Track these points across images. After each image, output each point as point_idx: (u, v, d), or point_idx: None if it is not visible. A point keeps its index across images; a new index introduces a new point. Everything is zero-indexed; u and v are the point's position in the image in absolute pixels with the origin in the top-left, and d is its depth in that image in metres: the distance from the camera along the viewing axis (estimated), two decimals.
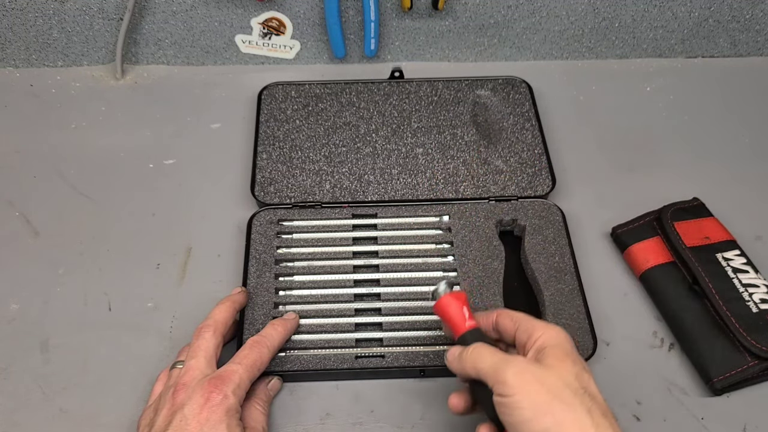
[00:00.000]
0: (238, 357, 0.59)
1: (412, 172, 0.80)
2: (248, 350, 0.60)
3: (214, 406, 0.54)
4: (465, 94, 0.87)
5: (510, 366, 0.50)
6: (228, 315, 0.63)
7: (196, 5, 0.87)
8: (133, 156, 0.83)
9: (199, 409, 0.53)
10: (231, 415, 0.54)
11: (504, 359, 0.51)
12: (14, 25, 0.87)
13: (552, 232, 0.74)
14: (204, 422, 0.53)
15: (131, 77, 0.92)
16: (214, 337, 0.60)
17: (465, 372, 0.54)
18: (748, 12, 0.91)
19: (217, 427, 0.53)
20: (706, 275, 0.69)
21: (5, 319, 0.69)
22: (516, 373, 0.49)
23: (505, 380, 0.49)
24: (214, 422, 0.53)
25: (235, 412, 0.55)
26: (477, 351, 0.53)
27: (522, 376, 0.49)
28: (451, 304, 0.57)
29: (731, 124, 0.89)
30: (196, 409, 0.53)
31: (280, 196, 0.77)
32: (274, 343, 0.63)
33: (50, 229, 0.76)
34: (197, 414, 0.53)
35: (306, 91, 0.87)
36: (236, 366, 0.57)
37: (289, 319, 0.66)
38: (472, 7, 0.88)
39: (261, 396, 0.62)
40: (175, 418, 0.54)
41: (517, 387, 0.48)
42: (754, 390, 0.66)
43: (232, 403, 0.55)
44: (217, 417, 0.53)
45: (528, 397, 0.48)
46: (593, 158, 0.85)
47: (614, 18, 0.91)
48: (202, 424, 0.53)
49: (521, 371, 0.49)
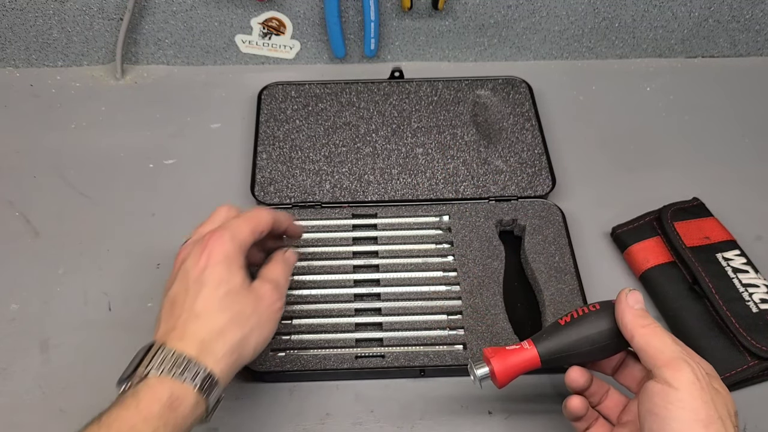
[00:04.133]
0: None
1: (412, 172, 0.80)
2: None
3: (212, 250, 0.54)
4: (465, 94, 0.87)
5: (690, 363, 0.48)
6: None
7: (196, 5, 0.87)
8: (133, 156, 0.83)
9: (198, 257, 0.54)
10: (231, 259, 0.54)
11: (687, 352, 0.49)
12: (14, 25, 0.87)
13: (552, 232, 0.74)
14: (203, 267, 0.53)
15: (131, 77, 0.92)
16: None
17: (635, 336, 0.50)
18: (748, 12, 0.91)
19: (215, 268, 0.53)
20: (706, 275, 0.69)
21: (5, 319, 0.69)
22: (693, 372, 0.47)
23: (679, 374, 0.47)
24: (212, 264, 0.53)
25: (234, 257, 0.54)
26: (659, 329, 0.50)
27: (698, 380, 0.47)
28: (504, 361, 0.54)
29: (731, 124, 0.89)
30: (195, 259, 0.54)
31: (280, 196, 0.77)
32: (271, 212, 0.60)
33: (50, 229, 0.76)
34: (196, 262, 0.54)
35: (306, 91, 0.87)
36: (233, 219, 0.57)
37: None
38: (472, 7, 0.88)
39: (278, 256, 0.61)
40: (179, 273, 0.54)
41: (688, 386, 0.47)
42: (754, 390, 0.66)
43: (229, 247, 0.54)
44: (215, 260, 0.53)
45: (695, 401, 0.46)
46: (593, 158, 0.85)
47: (614, 18, 0.91)
48: (201, 269, 0.53)
49: (700, 374, 0.48)
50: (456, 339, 0.67)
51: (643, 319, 0.51)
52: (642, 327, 0.50)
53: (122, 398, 0.48)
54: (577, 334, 0.53)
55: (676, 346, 0.49)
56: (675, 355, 0.48)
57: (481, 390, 0.65)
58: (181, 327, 0.52)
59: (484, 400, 0.65)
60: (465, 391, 0.66)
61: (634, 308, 0.52)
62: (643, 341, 0.50)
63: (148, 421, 0.47)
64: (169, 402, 0.48)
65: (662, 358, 0.48)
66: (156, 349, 0.50)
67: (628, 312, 0.51)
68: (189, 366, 0.49)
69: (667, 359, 0.48)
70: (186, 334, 0.51)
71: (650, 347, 0.49)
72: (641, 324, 0.51)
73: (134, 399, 0.48)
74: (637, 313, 0.51)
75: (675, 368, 0.48)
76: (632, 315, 0.51)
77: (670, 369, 0.48)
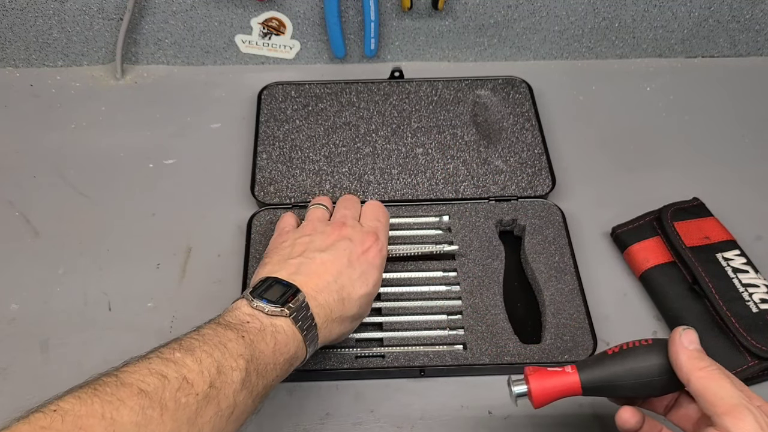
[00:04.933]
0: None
1: (412, 172, 0.80)
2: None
3: (377, 251, 0.63)
4: (465, 94, 0.87)
5: (753, 410, 0.45)
6: None
7: (196, 5, 0.87)
8: (133, 156, 0.83)
9: (366, 247, 0.62)
10: (382, 266, 0.64)
11: (747, 395, 0.47)
12: (14, 25, 0.87)
13: (552, 232, 0.74)
14: (366, 261, 0.61)
15: (131, 77, 0.92)
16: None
17: (684, 375, 0.48)
18: (748, 12, 0.91)
19: (371, 272, 0.61)
20: (706, 275, 0.69)
21: (5, 319, 0.69)
22: (756, 420, 0.45)
23: (742, 423, 0.44)
24: (373, 265, 0.62)
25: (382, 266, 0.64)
26: (716, 372, 0.48)
27: (761, 429, 0.44)
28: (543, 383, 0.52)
29: (731, 124, 0.89)
30: (361, 246, 0.62)
31: (280, 196, 0.77)
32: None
33: (50, 229, 0.76)
34: (363, 251, 0.62)
35: (306, 91, 0.87)
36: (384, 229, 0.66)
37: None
38: (472, 7, 0.88)
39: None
40: (341, 243, 0.61)
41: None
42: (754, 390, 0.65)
43: (384, 255, 0.64)
44: (377, 262, 0.62)
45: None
46: (593, 158, 0.85)
47: (614, 18, 0.91)
48: (366, 262, 0.61)
49: (763, 422, 0.45)
50: (456, 339, 0.67)
51: (699, 360, 0.48)
52: (699, 369, 0.48)
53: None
54: (623, 366, 0.51)
55: (737, 391, 0.47)
56: (736, 402, 0.46)
57: (481, 390, 0.66)
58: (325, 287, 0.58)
59: (484, 400, 0.65)
60: (465, 391, 0.66)
61: (689, 348, 0.49)
62: (701, 385, 0.47)
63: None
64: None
65: (722, 405, 0.46)
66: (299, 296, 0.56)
67: (683, 352, 0.49)
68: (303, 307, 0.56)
69: (727, 406, 0.45)
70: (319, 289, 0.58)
71: (709, 392, 0.47)
72: (698, 366, 0.48)
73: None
74: (692, 354, 0.49)
75: (737, 416, 0.45)
76: (687, 356, 0.49)
77: (730, 417, 0.45)
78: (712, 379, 0.47)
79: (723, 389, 0.47)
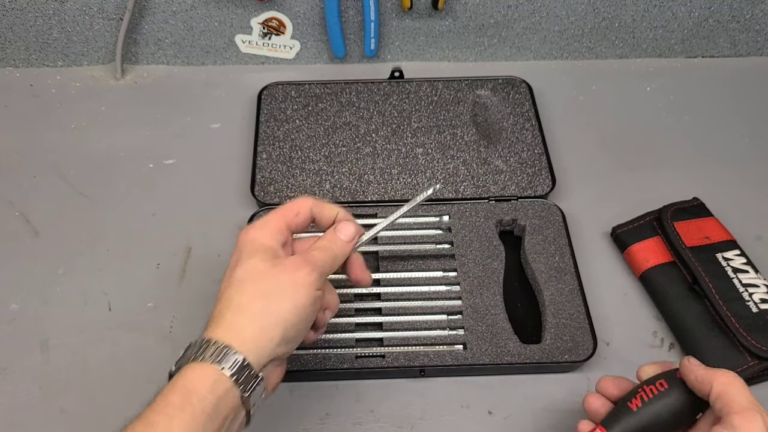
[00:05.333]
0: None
1: (412, 172, 0.80)
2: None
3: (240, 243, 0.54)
4: (465, 94, 0.87)
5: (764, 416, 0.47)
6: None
7: (196, 5, 0.87)
8: (133, 156, 0.83)
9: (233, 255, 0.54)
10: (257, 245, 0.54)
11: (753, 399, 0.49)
12: (14, 25, 0.87)
13: (552, 232, 0.74)
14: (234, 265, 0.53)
15: (131, 77, 0.92)
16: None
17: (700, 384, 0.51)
18: (748, 12, 0.91)
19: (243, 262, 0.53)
20: (706, 275, 0.69)
21: (5, 319, 0.69)
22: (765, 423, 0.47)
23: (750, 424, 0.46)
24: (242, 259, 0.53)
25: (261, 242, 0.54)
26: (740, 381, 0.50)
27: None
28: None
29: (731, 124, 0.89)
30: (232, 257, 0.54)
31: (280, 196, 0.77)
32: (311, 198, 0.58)
33: (50, 229, 0.76)
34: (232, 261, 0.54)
35: (306, 91, 0.87)
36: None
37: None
38: (472, 7, 0.88)
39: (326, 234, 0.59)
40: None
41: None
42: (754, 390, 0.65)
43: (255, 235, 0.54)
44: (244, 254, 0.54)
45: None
46: (593, 158, 0.85)
47: (614, 18, 0.91)
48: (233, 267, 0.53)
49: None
50: (456, 339, 0.67)
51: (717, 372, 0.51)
52: (722, 376, 0.50)
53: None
54: (650, 416, 0.52)
55: (754, 399, 0.49)
56: (750, 406, 0.48)
57: (481, 390, 0.66)
58: (215, 317, 0.51)
59: (484, 400, 0.65)
60: (465, 391, 0.66)
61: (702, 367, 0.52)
62: (722, 389, 0.49)
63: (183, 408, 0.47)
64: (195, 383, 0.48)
65: (736, 406, 0.48)
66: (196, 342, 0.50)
67: (697, 369, 0.51)
68: (209, 346, 0.48)
69: (741, 408, 0.47)
70: (215, 323, 0.51)
71: (728, 395, 0.49)
72: (719, 374, 0.50)
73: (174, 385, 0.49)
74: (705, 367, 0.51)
75: (746, 417, 0.47)
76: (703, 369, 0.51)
77: (740, 417, 0.47)
78: (733, 386, 0.49)
79: (741, 394, 0.49)
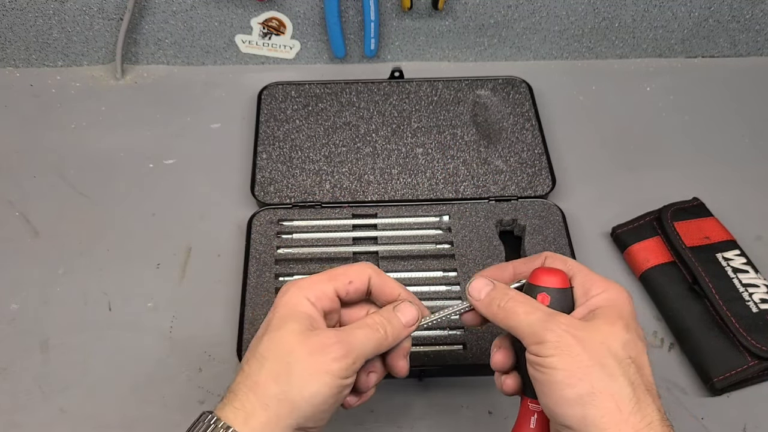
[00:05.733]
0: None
1: (412, 172, 0.80)
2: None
3: (275, 309, 0.49)
4: (465, 94, 0.87)
5: (549, 326, 0.44)
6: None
7: (196, 5, 0.87)
8: (133, 156, 0.83)
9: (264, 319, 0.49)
10: (292, 312, 0.48)
11: (542, 319, 0.45)
12: (14, 25, 0.87)
13: (552, 232, 0.74)
14: (264, 330, 0.48)
15: (131, 77, 0.92)
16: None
17: (496, 322, 0.48)
18: (748, 12, 0.91)
19: (274, 331, 0.48)
20: (706, 275, 0.69)
21: (5, 319, 0.69)
22: (556, 334, 0.44)
23: (543, 340, 0.44)
24: (272, 328, 0.48)
25: (297, 308, 0.49)
26: (511, 306, 0.47)
27: (562, 337, 0.44)
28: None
29: (731, 124, 0.89)
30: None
31: (280, 196, 0.77)
32: (370, 266, 0.53)
33: (50, 229, 0.76)
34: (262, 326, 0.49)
35: (306, 91, 0.87)
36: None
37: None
38: (472, 7, 0.88)
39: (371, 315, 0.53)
40: None
41: (554, 348, 0.43)
42: (754, 390, 0.66)
43: (292, 300, 0.49)
44: (274, 323, 0.48)
45: (565, 360, 0.43)
46: (593, 158, 0.85)
47: (614, 18, 0.91)
48: (263, 330, 0.49)
49: (562, 332, 0.44)
50: (456, 339, 0.67)
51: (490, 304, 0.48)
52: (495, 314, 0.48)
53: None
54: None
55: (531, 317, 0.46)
56: (534, 329, 0.45)
57: (481, 390, 0.66)
58: (231, 390, 0.46)
59: (484, 400, 0.65)
60: (465, 391, 0.66)
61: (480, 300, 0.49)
62: (505, 326, 0.47)
63: None
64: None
65: (527, 337, 0.45)
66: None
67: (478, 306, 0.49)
68: (216, 428, 0.44)
69: (530, 337, 0.45)
70: (229, 398, 0.46)
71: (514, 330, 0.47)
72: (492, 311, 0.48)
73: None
74: (483, 302, 0.49)
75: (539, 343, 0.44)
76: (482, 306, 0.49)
77: (536, 346, 0.45)
78: (509, 317, 0.47)
79: (519, 322, 0.46)
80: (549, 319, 0.45)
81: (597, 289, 0.48)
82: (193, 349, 0.67)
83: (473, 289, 0.50)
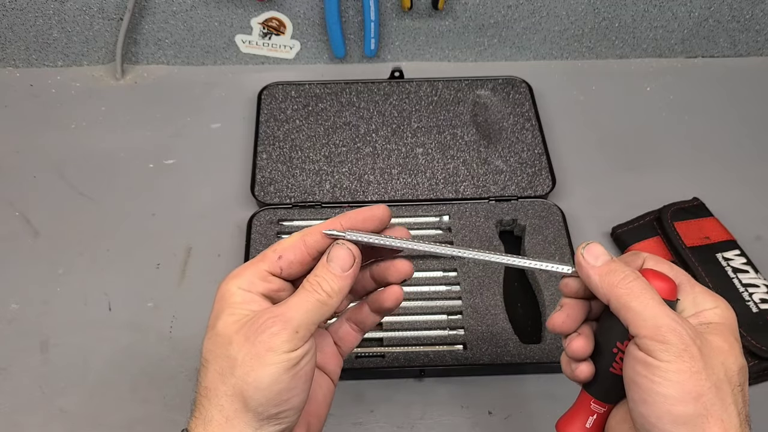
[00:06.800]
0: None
1: (412, 172, 0.80)
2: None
3: (215, 306, 0.47)
4: (465, 94, 0.87)
5: (677, 328, 0.39)
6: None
7: (196, 5, 0.87)
8: (133, 156, 0.83)
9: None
10: (225, 305, 0.46)
11: (670, 315, 0.40)
12: (14, 25, 0.87)
13: (552, 232, 0.74)
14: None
15: (131, 77, 0.92)
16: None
17: (608, 297, 0.42)
18: (748, 12, 0.91)
19: (211, 332, 0.46)
20: (706, 275, 0.69)
21: (5, 319, 0.69)
22: (683, 340, 0.39)
23: (666, 341, 0.39)
24: (210, 327, 0.46)
25: (231, 300, 0.46)
26: (638, 286, 0.41)
27: (689, 346, 0.39)
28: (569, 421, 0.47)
29: (731, 124, 0.89)
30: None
31: (280, 196, 0.77)
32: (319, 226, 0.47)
33: (50, 229, 0.76)
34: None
35: (306, 91, 0.87)
36: None
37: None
38: (472, 7, 0.88)
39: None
40: None
41: (676, 355, 0.39)
42: (754, 390, 0.66)
43: (226, 290, 0.47)
44: (212, 321, 0.47)
45: (684, 374, 0.39)
46: (593, 158, 0.85)
47: (614, 18, 0.91)
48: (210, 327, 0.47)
49: (690, 341, 0.39)
50: (456, 339, 0.67)
51: (613, 275, 0.42)
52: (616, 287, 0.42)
53: None
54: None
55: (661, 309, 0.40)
56: (660, 323, 0.40)
57: (481, 390, 0.66)
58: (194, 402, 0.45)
59: (484, 400, 0.65)
60: (465, 391, 0.66)
61: (597, 266, 0.43)
62: (620, 304, 0.41)
63: None
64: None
65: (646, 328, 0.40)
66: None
67: (593, 272, 0.43)
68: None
69: (651, 329, 0.40)
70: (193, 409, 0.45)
71: (630, 313, 0.41)
72: (613, 283, 0.42)
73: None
74: (602, 270, 0.43)
75: (660, 340, 0.39)
76: (599, 274, 0.43)
77: (654, 341, 0.39)
78: (632, 297, 0.41)
79: (646, 308, 0.41)
80: (678, 319, 0.40)
81: (708, 303, 0.43)
82: (193, 349, 0.67)
83: (590, 255, 0.44)
